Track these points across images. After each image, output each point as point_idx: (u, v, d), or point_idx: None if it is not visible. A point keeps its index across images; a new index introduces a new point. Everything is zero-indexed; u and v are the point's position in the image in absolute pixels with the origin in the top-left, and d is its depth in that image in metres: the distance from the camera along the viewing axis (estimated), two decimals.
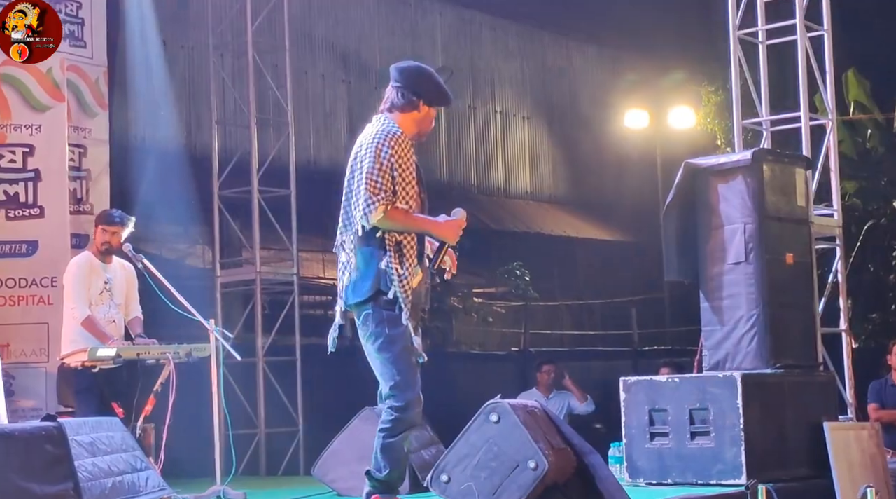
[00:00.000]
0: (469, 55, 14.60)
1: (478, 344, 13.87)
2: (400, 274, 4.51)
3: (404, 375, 4.54)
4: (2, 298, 8.03)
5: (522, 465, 4.84)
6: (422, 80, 4.71)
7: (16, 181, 8.12)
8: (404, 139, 4.60)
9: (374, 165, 4.51)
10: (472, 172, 14.69)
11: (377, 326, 4.55)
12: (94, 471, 5.29)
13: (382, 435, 4.60)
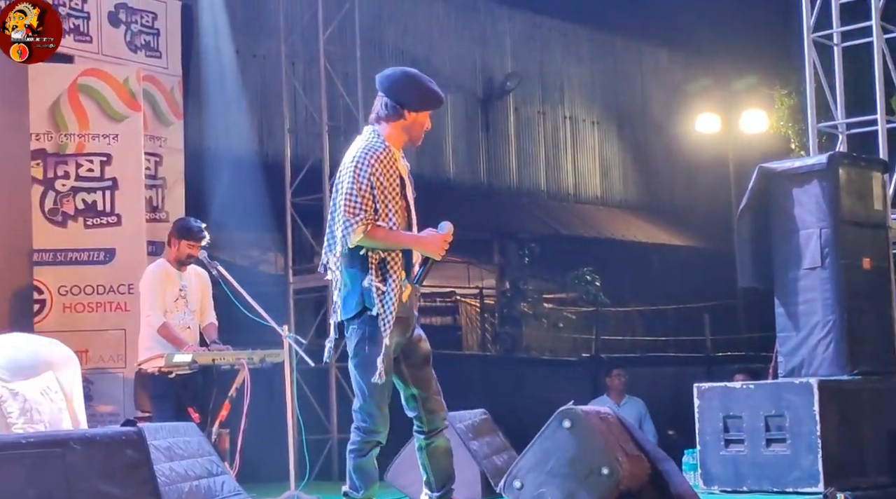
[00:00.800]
0: (539, 61, 14.58)
1: (548, 350, 13.83)
2: (383, 291, 4.55)
3: (374, 395, 4.58)
4: (80, 305, 8.17)
5: (596, 471, 4.82)
6: (404, 86, 4.67)
7: (94, 190, 8.25)
8: (386, 154, 4.60)
9: (352, 186, 4.54)
10: (542, 177, 14.66)
11: (357, 344, 4.61)
12: (171, 475, 5.36)
13: (353, 456, 4.65)
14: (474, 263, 14.15)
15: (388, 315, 4.53)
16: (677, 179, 15.35)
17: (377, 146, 4.59)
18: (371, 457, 4.64)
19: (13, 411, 5.64)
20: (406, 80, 4.70)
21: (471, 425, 7.10)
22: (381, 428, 4.63)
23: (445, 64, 13.56)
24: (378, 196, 4.54)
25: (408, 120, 4.65)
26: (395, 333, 4.57)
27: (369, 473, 4.66)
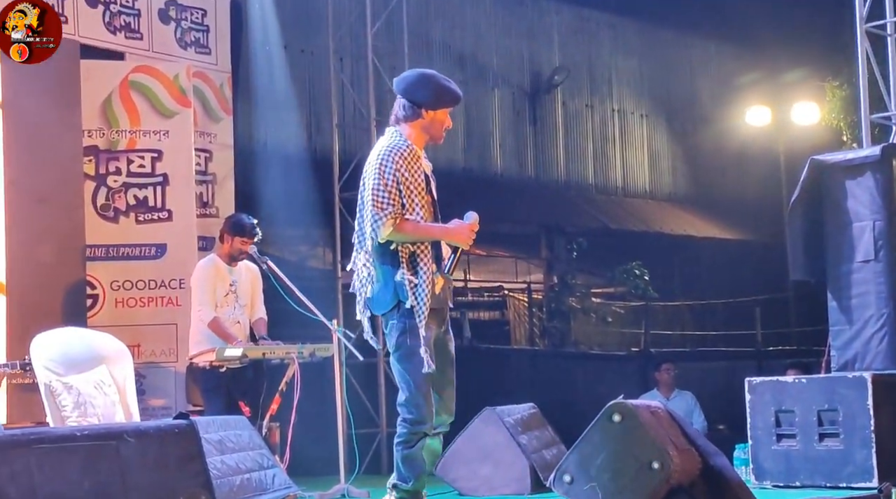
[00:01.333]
0: (587, 54, 14.51)
1: (597, 344, 13.78)
2: (415, 284, 4.63)
3: (419, 386, 4.63)
4: (132, 300, 8.25)
5: (647, 466, 4.78)
6: (419, 86, 4.77)
7: (145, 186, 8.33)
8: (409, 151, 4.72)
9: (378, 182, 4.65)
10: (590, 171, 14.59)
11: (398, 338, 4.68)
12: (222, 468, 5.41)
13: (400, 448, 4.70)
14: (522, 257, 14.13)
15: (423, 306, 4.60)
16: (727, 173, 15.22)
17: (401, 144, 4.71)
18: (418, 448, 4.67)
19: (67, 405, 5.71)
20: (422, 79, 4.81)
21: (520, 420, 7.10)
22: (428, 419, 4.67)
23: (493, 58, 13.54)
24: (404, 191, 4.65)
25: (426, 119, 4.77)
26: (431, 324, 4.64)
27: (418, 464, 4.68)
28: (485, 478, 6.79)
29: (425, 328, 4.59)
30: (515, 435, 6.85)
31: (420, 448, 4.66)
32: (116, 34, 8.43)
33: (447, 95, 4.80)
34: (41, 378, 5.82)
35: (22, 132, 7.59)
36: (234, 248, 7.14)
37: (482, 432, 6.88)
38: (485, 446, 6.82)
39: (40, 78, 7.70)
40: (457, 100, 4.85)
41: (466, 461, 6.85)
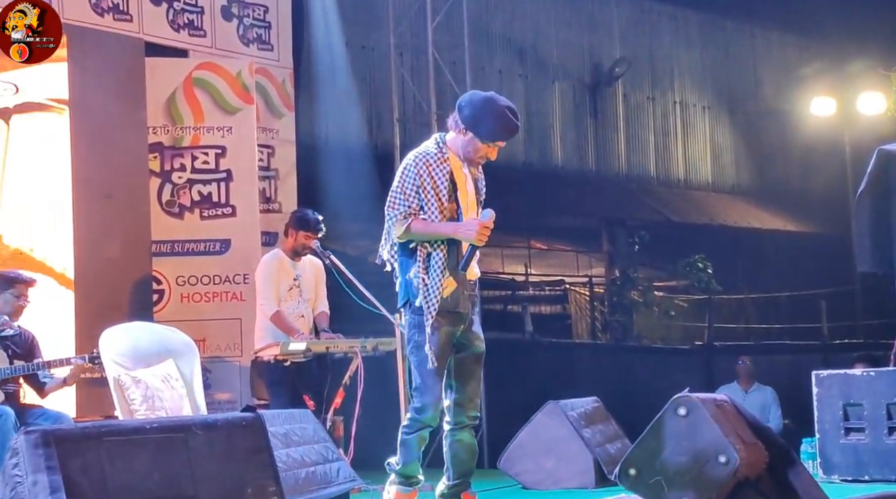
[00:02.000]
0: (647, 46, 14.40)
1: (659, 338, 13.69)
2: (426, 283, 4.81)
3: (424, 379, 4.82)
4: (197, 295, 8.34)
5: (713, 460, 4.74)
6: (480, 116, 4.82)
7: (209, 182, 8.41)
8: (437, 158, 4.86)
9: (397, 185, 4.88)
10: (652, 163, 14.49)
11: (410, 331, 4.91)
12: (288, 461, 5.45)
13: (402, 431, 4.94)
14: (583, 251, 14.07)
15: (431, 306, 4.78)
16: (791, 164, 15.03)
17: (430, 150, 4.88)
18: (416, 436, 4.88)
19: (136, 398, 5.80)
20: (484, 109, 4.84)
21: (583, 413, 7.07)
22: (432, 410, 4.84)
23: (553, 51, 13.49)
24: (423, 195, 4.81)
25: (472, 144, 4.86)
26: (442, 324, 4.80)
27: (411, 450, 4.90)
28: (549, 472, 6.77)
29: (432, 327, 4.77)
30: (579, 429, 6.82)
31: (417, 437, 4.88)
32: (180, 32, 8.52)
33: (502, 133, 4.87)
34: (110, 372, 5.92)
35: (89, 130, 7.71)
36: (299, 242, 7.18)
37: (546, 426, 6.86)
38: (548, 439, 6.80)
39: (107, 76, 7.82)
40: (510, 136, 4.92)
41: (530, 455, 6.83)
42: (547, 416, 6.90)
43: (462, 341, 4.91)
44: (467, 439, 4.90)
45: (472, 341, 4.94)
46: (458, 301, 4.84)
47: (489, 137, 4.84)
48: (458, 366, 4.90)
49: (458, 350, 4.91)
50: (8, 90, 7.45)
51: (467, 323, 4.91)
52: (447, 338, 4.84)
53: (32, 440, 3.33)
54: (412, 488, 4.90)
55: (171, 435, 3.58)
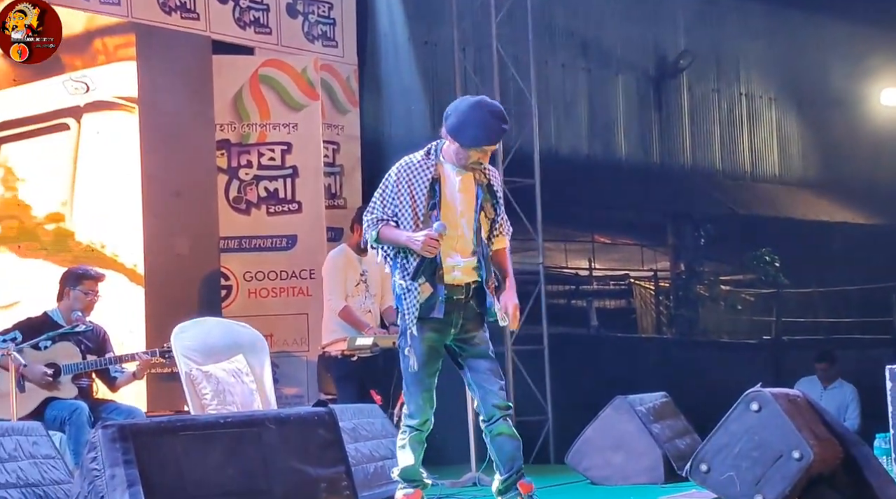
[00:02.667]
0: (712, 37, 14.24)
1: (726, 332, 13.55)
2: (406, 288, 4.86)
3: (409, 385, 4.88)
4: (265, 290, 8.41)
5: (786, 455, 4.69)
6: (454, 115, 4.83)
7: (275, 178, 8.47)
8: (419, 166, 4.89)
9: (377, 192, 4.98)
10: (717, 156, 14.33)
11: (399, 336, 4.95)
12: (356, 456, 5.49)
13: (398, 437, 4.99)
14: (648, 245, 13.96)
15: (410, 312, 4.81)
16: (860, 155, 14.78)
17: (414, 159, 4.92)
18: (409, 441, 4.91)
19: (207, 393, 5.86)
20: (467, 116, 4.80)
21: (652, 408, 7.03)
22: (419, 415, 4.87)
23: (616, 44, 13.39)
24: (398, 202, 4.86)
25: (454, 145, 4.84)
26: (425, 330, 4.81)
27: (407, 455, 4.91)
28: (617, 467, 6.74)
29: (412, 334, 4.81)
30: (648, 424, 6.78)
31: (411, 439, 4.92)
32: (246, 29, 8.59)
33: (485, 140, 4.82)
34: (182, 367, 5.98)
35: (158, 128, 7.81)
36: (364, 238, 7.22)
37: (614, 421, 6.83)
38: (616, 434, 6.77)
39: (175, 74, 7.92)
40: (494, 141, 4.87)
41: (598, 450, 6.81)
42: (615, 411, 6.88)
43: (456, 347, 4.91)
44: (505, 429, 4.85)
45: (472, 345, 4.90)
46: (434, 307, 4.80)
47: (472, 144, 4.80)
48: (468, 365, 4.91)
49: (458, 354, 4.92)
50: (79, 89, 7.56)
51: (458, 328, 4.86)
52: (432, 344, 4.84)
53: (110, 434, 3.38)
54: (414, 489, 4.95)
55: (244, 430, 3.62)
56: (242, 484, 3.50)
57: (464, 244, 4.88)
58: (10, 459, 4.51)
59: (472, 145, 4.81)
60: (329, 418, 3.79)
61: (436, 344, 4.86)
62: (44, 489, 4.49)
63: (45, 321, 6.32)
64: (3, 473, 4.42)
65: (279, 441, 3.64)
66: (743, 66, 14.53)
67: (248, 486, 3.52)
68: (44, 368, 6.10)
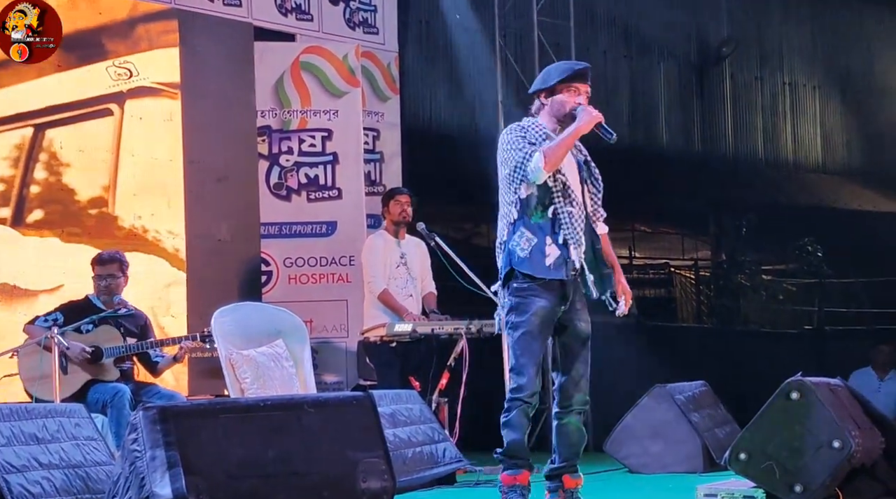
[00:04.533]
0: (756, 25, 14.11)
1: (768, 322, 13.45)
2: (527, 250, 4.75)
3: (519, 359, 4.69)
4: (304, 277, 8.44)
5: (827, 445, 4.65)
6: (545, 77, 4.79)
7: (316, 165, 8.50)
8: (530, 126, 4.82)
9: (504, 151, 4.79)
10: (760, 145, 14.22)
11: (507, 309, 4.77)
12: (395, 441, 5.50)
13: (502, 415, 4.77)
14: (689, 234, 13.88)
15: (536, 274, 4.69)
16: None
17: (521, 124, 4.80)
18: (516, 415, 4.69)
19: (247, 377, 5.90)
20: (546, 69, 4.85)
21: (691, 397, 7.00)
22: (530, 386, 4.68)
23: (658, 31, 13.29)
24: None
25: (547, 105, 4.78)
26: (543, 296, 4.64)
27: (513, 431, 4.72)
28: (656, 455, 6.72)
29: (536, 295, 4.67)
30: (687, 412, 6.75)
31: (516, 416, 4.70)
32: (288, 16, 8.61)
33: (572, 70, 4.75)
34: (222, 351, 6.03)
35: (200, 114, 7.86)
36: (394, 212, 7.28)
37: (653, 410, 6.81)
38: (655, 423, 6.75)
39: (217, 61, 7.97)
40: (581, 73, 4.75)
41: (637, 438, 6.79)
42: (654, 399, 6.85)
43: (564, 322, 4.74)
44: (574, 423, 4.77)
45: (576, 322, 4.77)
46: (561, 271, 4.66)
47: (562, 78, 4.71)
48: (563, 348, 4.77)
49: (561, 332, 4.75)
50: (122, 75, 7.61)
51: (570, 302, 4.72)
52: (546, 315, 4.66)
53: (151, 416, 3.41)
54: (520, 470, 4.71)
55: (284, 413, 3.64)
56: (281, 467, 3.52)
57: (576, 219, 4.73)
58: (53, 440, 4.56)
59: (564, 79, 4.71)
60: (368, 402, 3.80)
61: (550, 314, 4.67)
62: (86, 470, 4.54)
63: (86, 305, 6.39)
64: (47, 453, 4.47)
65: (318, 425, 3.65)
66: (786, 53, 14.39)
67: (287, 469, 3.54)
68: (82, 345, 6.16)
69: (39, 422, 4.58)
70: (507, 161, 4.71)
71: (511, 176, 4.70)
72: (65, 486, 4.43)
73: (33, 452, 4.43)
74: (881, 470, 4.91)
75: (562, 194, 4.70)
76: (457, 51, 10.64)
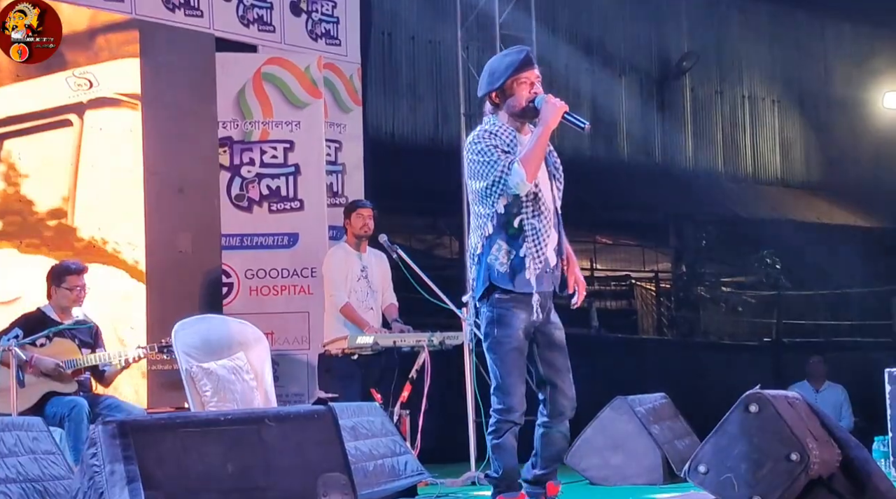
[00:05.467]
0: (715, 39, 14.25)
1: (727, 334, 13.56)
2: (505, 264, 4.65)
3: (505, 378, 4.59)
4: (266, 288, 8.41)
5: (785, 457, 4.69)
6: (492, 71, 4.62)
7: (277, 176, 8.48)
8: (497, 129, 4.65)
9: (475, 160, 4.61)
10: (720, 158, 14.33)
11: (487, 325, 4.66)
12: (356, 454, 5.49)
13: (491, 437, 4.64)
14: (649, 246, 13.97)
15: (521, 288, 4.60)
16: (863, 159, 14.79)
17: (485, 127, 4.61)
18: (508, 438, 4.60)
19: (208, 390, 5.87)
20: (490, 63, 4.67)
21: (651, 409, 7.03)
22: (520, 406, 4.61)
23: (620, 45, 13.39)
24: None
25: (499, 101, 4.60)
26: (522, 309, 4.56)
27: (507, 453, 4.62)
28: (616, 467, 6.74)
29: (517, 310, 4.57)
30: (647, 425, 6.78)
31: (508, 438, 4.60)
32: (250, 27, 8.59)
33: (517, 59, 4.56)
34: (182, 364, 5.99)
35: (161, 125, 7.82)
36: (355, 224, 7.29)
37: (613, 422, 6.83)
38: (615, 435, 6.77)
39: (178, 71, 7.93)
40: (526, 60, 4.56)
41: (597, 450, 6.81)
42: (614, 411, 6.88)
43: (542, 333, 4.66)
44: (563, 429, 4.70)
45: (553, 332, 4.69)
46: (542, 282, 4.57)
47: (509, 72, 4.52)
48: (544, 361, 4.67)
49: (539, 344, 4.65)
50: (82, 86, 7.56)
51: (546, 312, 4.63)
52: (527, 329, 4.57)
53: (110, 430, 3.38)
54: (517, 492, 4.61)
55: (244, 427, 3.62)
56: (242, 481, 3.50)
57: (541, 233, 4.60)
58: (11, 454, 4.52)
59: (513, 71, 4.51)
60: (329, 415, 3.79)
61: (530, 326, 4.58)
62: (44, 485, 4.50)
63: (40, 317, 6.33)
64: (4, 468, 4.43)
65: (279, 438, 3.64)
66: (746, 68, 14.53)
67: (248, 483, 3.52)
68: (55, 360, 6.10)
69: None
70: (482, 175, 4.50)
71: (488, 190, 4.50)
72: None
73: None
74: (838, 483, 4.95)
75: (531, 205, 4.54)
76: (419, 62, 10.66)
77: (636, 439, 6.72)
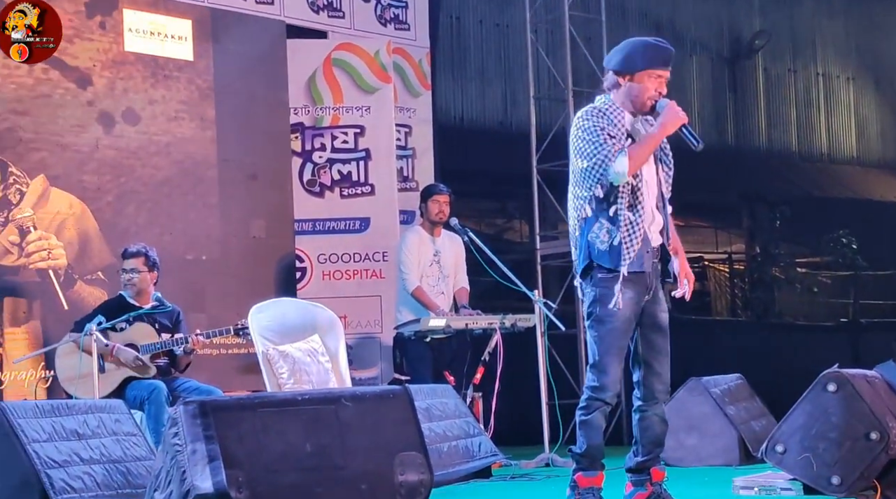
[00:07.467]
0: (788, 16, 14.04)
1: (802, 315, 13.39)
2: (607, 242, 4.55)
3: (603, 356, 4.47)
4: (338, 272, 8.47)
5: (864, 437, 4.63)
6: (628, 56, 4.54)
7: (348, 161, 8.53)
8: (609, 108, 4.56)
9: (580, 140, 4.55)
10: (793, 137, 14.15)
11: (589, 303, 4.56)
12: (430, 436, 5.51)
13: (579, 413, 4.53)
14: (722, 227, 13.83)
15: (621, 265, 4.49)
16: None
17: (597, 104, 4.55)
18: (596, 416, 4.49)
19: (284, 372, 5.94)
20: (631, 45, 4.57)
21: (726, 390, 6.99)
22: (613, 387, 4.48)
23: (690, 25, 13.25)
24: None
25: (623, 87, 4.52)
26: (629, 288, 4.46)
27: (593, 430, 4.51)
28: (691, 448, 6.71)
29: (621, 289, 4.46)
30: (723, 405, 6.74)
31: (596, 416, 4.49)
32: (319, 13, 8.64)
33: (658, 54, 4.52)
34: (259, 346, 6.06)
35: (233, 112, 7.91)
36: (431, 210, 7.29)
37: (688, 403, 6.79)
38: (691, 416, 6.73)
39: (250, 58, 8.00)
40: (666, 58, 4.53)
41: (672, 432, 6.66)
42: (689, 393, 6.84)
43: (647, 314, 4.55)
44: (658, 412, 4.60)
45: (658, 314, 4.59)
46: (643, 262, 4.48)
47: (647, 64, 4.48)
48: (645, 341, 4.57)
49: (642, 324, 4.56)
50: None
51: (652, 292, 4.55)
52: (633, 308, 4.48)
53: (191, 411, 3.45)
54: (597, 472, 4.51)
55: (321, 407, 3.67)
56: (319, 460, 3.55)
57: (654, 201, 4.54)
58: (94, 435, 4.62)
59: (648, 65, 4.48)
60: (405, 396, 3.82)
61: (636, 307, 4.49)
62: (126, 465, 4.59)
63: (120, 302, 6.43)
64: (87, 449, 4.53)
65: (356, 418, 3.67)
66: (819, 45, 14.31)
67: (325, 462, 3.57)
68: (134, 353, 6.19)
69: (80, 418, 4.64)
70: (587, 154, 4.45)
71: (589, 172, 4.45)
72: (105, 481, 4.48)
73: (74, 447, 4.49)
74: None
75: (628, 197, 4.48)
76: (488, 46, 10.65)
77: (712, 420, 6.68)
